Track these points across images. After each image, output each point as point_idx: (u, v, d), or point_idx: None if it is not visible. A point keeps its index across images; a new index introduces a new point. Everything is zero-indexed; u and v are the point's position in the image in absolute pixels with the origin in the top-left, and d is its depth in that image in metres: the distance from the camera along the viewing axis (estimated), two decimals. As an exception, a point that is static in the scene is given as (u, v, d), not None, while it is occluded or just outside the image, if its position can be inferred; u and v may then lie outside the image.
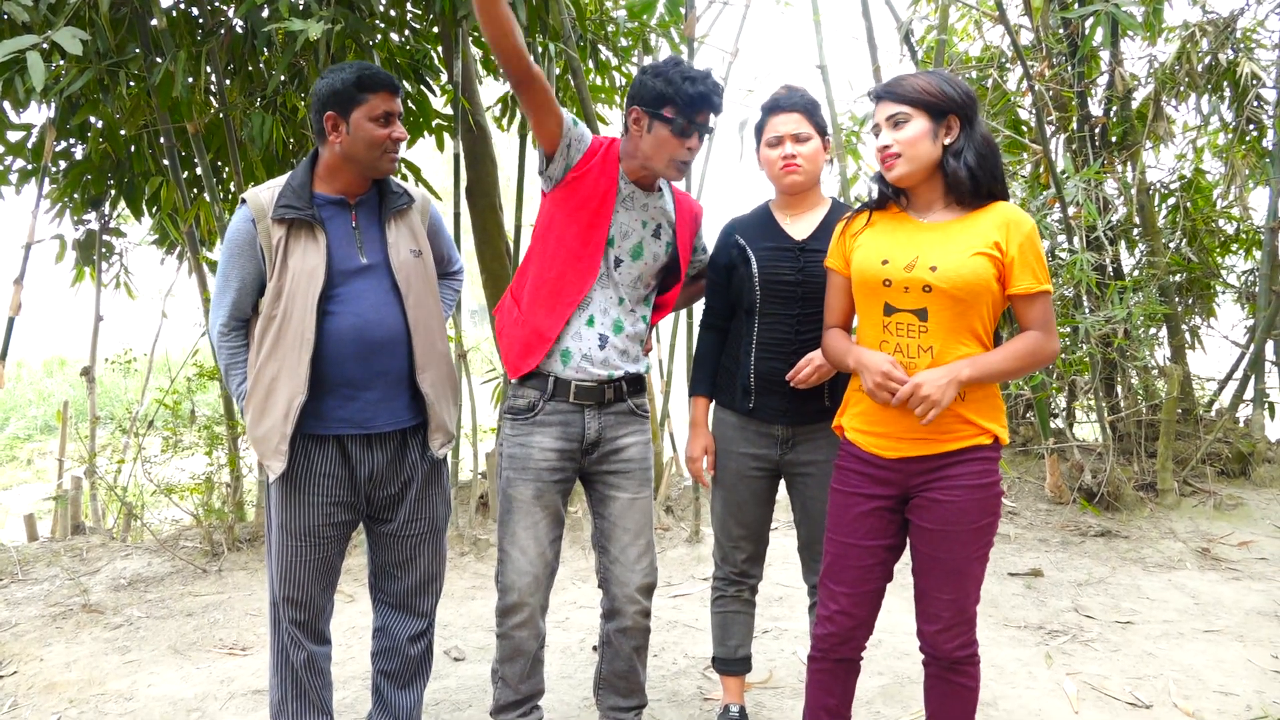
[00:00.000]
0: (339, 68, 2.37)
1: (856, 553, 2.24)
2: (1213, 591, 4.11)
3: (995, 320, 2.15)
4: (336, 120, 2.35)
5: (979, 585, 2.18)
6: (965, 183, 2.11)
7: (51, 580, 4.43)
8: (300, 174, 2.41)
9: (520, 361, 2.50)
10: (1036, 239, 2.10)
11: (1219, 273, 6.23)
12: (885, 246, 2.17)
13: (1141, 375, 5.72)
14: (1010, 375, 2.11)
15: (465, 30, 5.06)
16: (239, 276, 2.38)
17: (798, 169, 2.54)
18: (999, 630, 3.75)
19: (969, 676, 2.21)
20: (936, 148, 2.12)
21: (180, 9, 4.75)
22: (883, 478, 2.20)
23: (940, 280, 2.07)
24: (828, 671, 2.35)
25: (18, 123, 4.79)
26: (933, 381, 2.03)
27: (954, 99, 2.12)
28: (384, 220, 2.47)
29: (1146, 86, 5.80)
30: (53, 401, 12.34)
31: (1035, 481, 5.63)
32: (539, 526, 2.51)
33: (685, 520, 5.21)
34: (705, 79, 2.36)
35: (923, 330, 2.11)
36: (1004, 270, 2.08)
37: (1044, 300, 2.10)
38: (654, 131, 2.38)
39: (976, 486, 2.12)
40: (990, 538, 2.17)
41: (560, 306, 2.46)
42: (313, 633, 2.55)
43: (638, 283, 2.56)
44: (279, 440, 2.34)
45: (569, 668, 3.43)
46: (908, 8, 5.64)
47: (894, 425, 2.16)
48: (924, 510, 2.16)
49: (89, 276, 5.97)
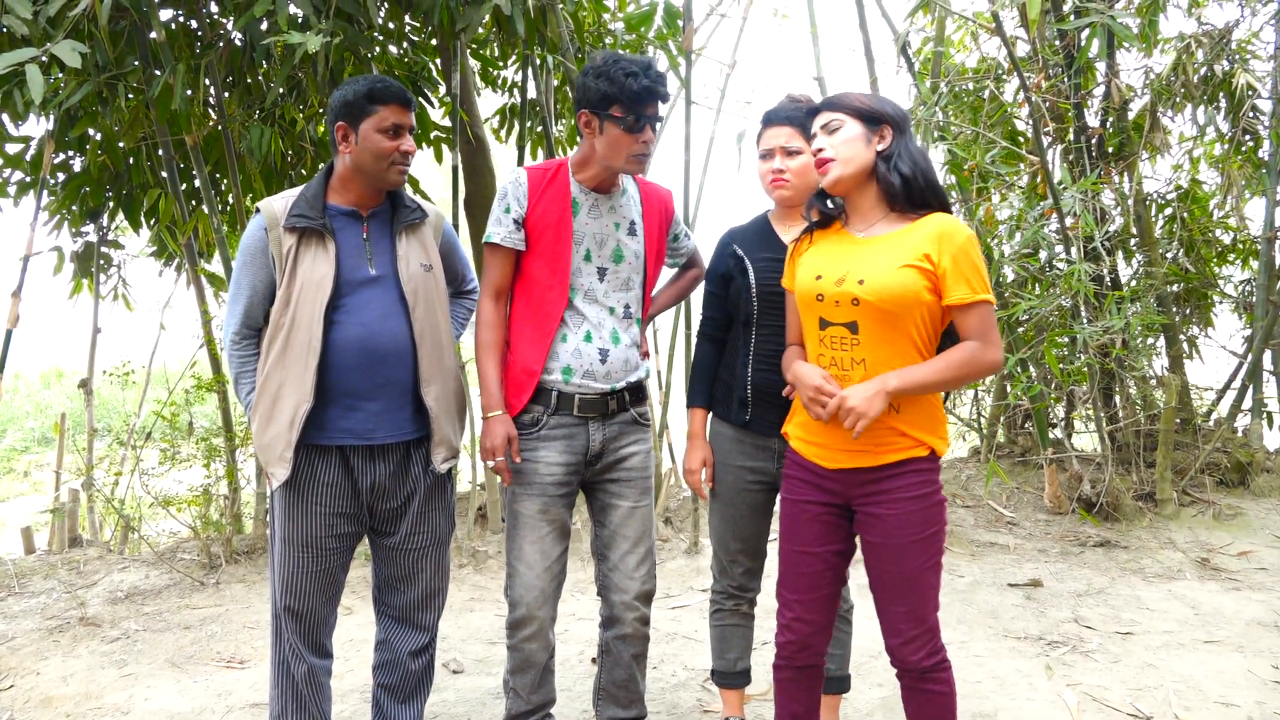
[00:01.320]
0: (353, 80, 2.41)
1: (807, 559, 2.28)
2: (1213, 602, 4.10)
3: (936, 332, 2.17)
4: (347, 130, 2.38)
5: (935, 594, 2.20)
6: (899, 189, 2.14)
7: (48, 593, 4.41)
8: (315, 185, 2.45)
9: (514, 399, 2.51)
10: (972, 249, 2.10)
11: (1216, 283, 6.23)
12: (821, 262, 2.22)
13: (1140, 385, 5.72)
14: (944, 386, 2.12)
15: (463, 43, 5.07)
16: (250, 284, 2.41)
17: (785, 184, 2.55)
18: (999, 641, 3.75)
19: (942, 683, 2.22)
20: (870, 152, 2.16)
21: (179, 22, 4.76)
22: (826, 486, 2.25)
23: (867, 293, 2.10)
24: (792, 679, 2.39)
25: (16, 135, 4.79)
26: (859, 394, 2.05)
27: (886, 111, 2.17)
28: (395, 233, 2.49)
29: (1143, 98, 5.82)
30: (50, 413, 12.31)
31: (1034, 492, 5.63)
32: (545, 540, 2.51)
33: (684, 532, 5.21)
34: (647, 71, 2.36)
35: (854, 343, 2.15)
36: (937, 282, 2.10)
37: (981, 310, 2.10)
38: (606, 132, 2.40)
39: (916, 498, 2.15)
40: (939, 546, 2.20)
41: (540, 338, 2.48)
42: (314, 645, 2.54)
43: (630, 283, 2.57)
44: (283, 448, 2.35)
45: (568, 680, 3.42)
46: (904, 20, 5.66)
47: (832, 436, 2.20)
48: (868, 525, 2.20)
49: (87, 288, 5.96)
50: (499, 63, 5.90)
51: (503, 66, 5.94)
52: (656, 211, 2.65)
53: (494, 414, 2.49)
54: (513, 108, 5.88)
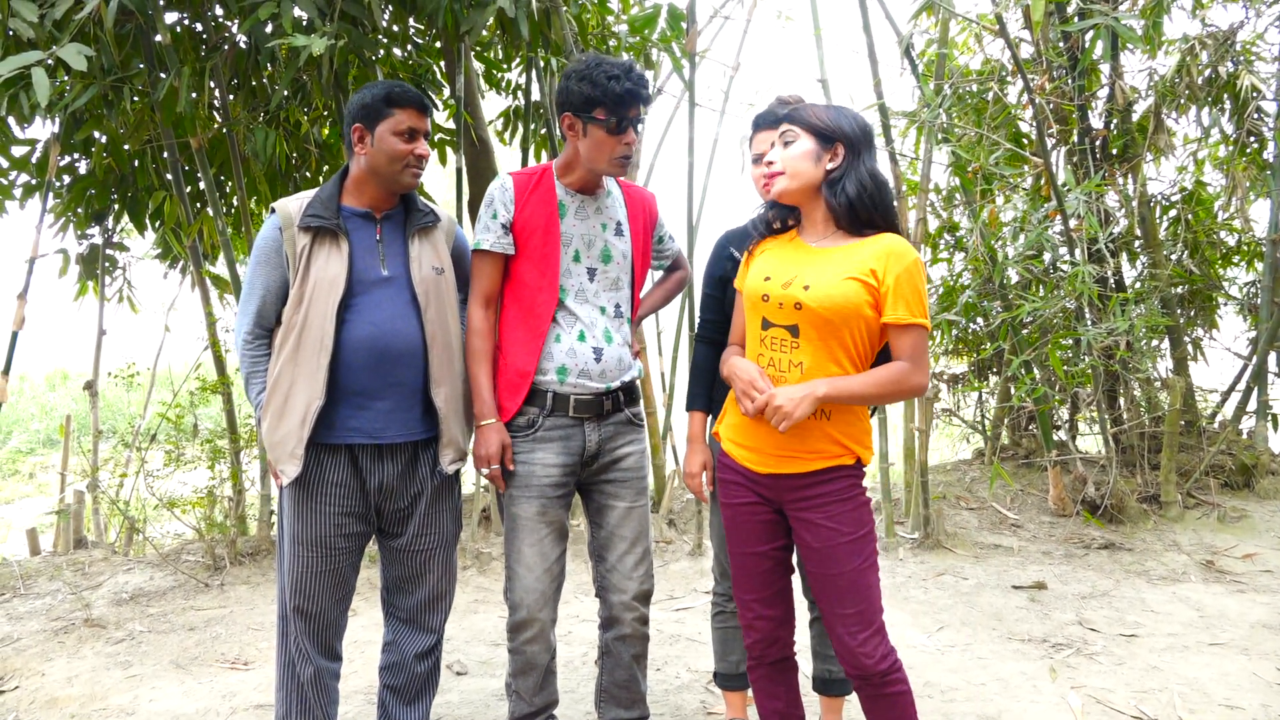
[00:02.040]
0: (372, 85, 2.46)
1: (754, 559, 2.35)
2: (1217, 604, 4.10)
3: (873, 346, 2.20)
4: (363, 132, 2.43)
5: (878, 596, 2.23)
6: (843, 210, 2.17)
7: (53, 594, 4.43)
8: (330, 187, 2.49)
9: (508, 402, 2.52)
10: (918, 273, 2.13)
11: (1221, 285, 6.22)
12: (771, 265, 2.27)
13: (1144, 387, 5.71)
14: (870, 400, 2.15)
15: (467, 46, 5.08)
16: (263, 284, 2.43)
17: None
18: (1003, 644, 3.74)
19: (898, 683, 2.23)
20: (818, 170, 2.19)
21: (184, 25, 4.77)
22: (758, 490, 2.30)
23: (810, 299, 2.13)
24: (767, 676, 2.45)
25: (22, 138, 4.81)
26: (788, 394, 2.09)
27: (843, 129, 2.19)
28: (408, 235, 2.51)
29: (1147, 99, 5.82)
30: (55, 415, 12.34)
31: (1038, 494, 5.62)
32: (544, 542, 2.52)
33: (688, 534, 5.21)
34: (629, 73, 2.39)
35: (794, 346, 2.18)
36: (879, 298, 2.13)
37: (916, 333, 2.13)
38: (590, 134, 2.42)
39: (844, 500, 2.20)
40: (872, 548, 2.23)
41: (532, 340, 2.49)
42: (324, 647, 2.54)
43: (619, 283, 2.58)
44: (295, 444, 2.36)
45: (571, 682, 3.42)
46: (908, 22, 5.66)
47: (763, 440, 2.25)
48: (802, 532, 2.24)
49: (92, 291, 5.97)
50: (503, 65, 5.91)
51: (507, 69, 5.95)
52: (641, 213, 2.67)
53: (487, 422, 2.50)
54: (517, 110, 5.89)
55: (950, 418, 6.55)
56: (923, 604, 4.20)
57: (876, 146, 2.25)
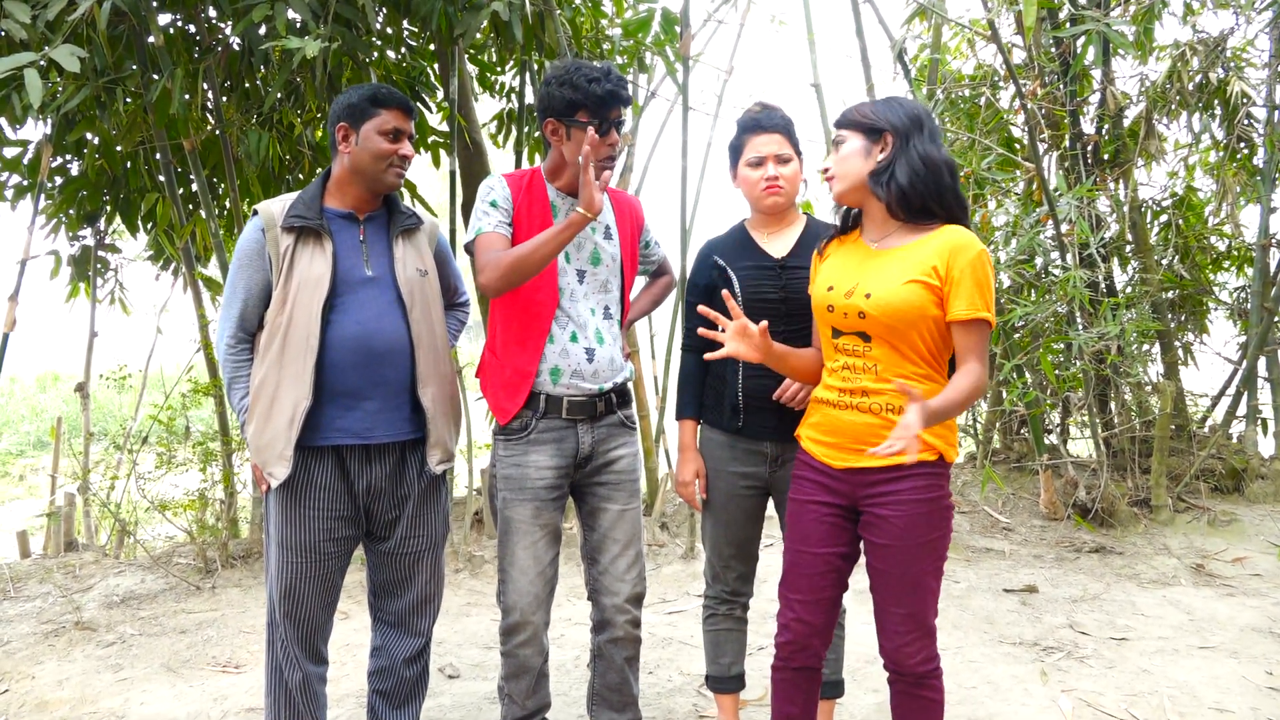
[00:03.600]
0: (358, 86, 2.47)
1: (810, 559, 2.29)
2: (1207, 608, 4.11)
3: (945, 341, 2.18)
4: (347, 131, 2.43)
5: (935, 599, 2.21)
6: (895, 201, 2.15)
7: (44, 597, 4.41)
8: (313, 188, 2.49)
9: (508, 403, 2.51)
10: (982, 266, 2.09)
11: (1211, 289, 6.26)
12: (835, 273, 2.26)
13: (1135, 391, 5.74)
14: (961, 411, 2.14)
15: (461, 49, 5.08)
16: (245, 287, 2.42)
17: (780, 191, 2.55)
18: (994, 647, 3.75)
19: (934, 690, 2.23)
20: (866, 165, 2.18)
21: (178, 26, 4.76)
22: (833, 487, 2.26)
23: (873, 308, 2.13)
24: (789, 680, 2.38)
25: (14, 139, 4.80)
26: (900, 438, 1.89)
27: (888, 118, 2.17)
28: (392, 236, 2.51)
29: (1138, 105, 5.85)
30: (46, 417, 12.29)
31: (1030, 498, 5.64)
32: (538, 546, 2.52)
33: (680, 537, 5.21)
34: (608, 76, 2.40)
35: (867, 350, 2.18)
36: (944, 296, 2.11)
37: (980, 329, 2.10)
38: (574, 138, 2.43)
39: (923, 501, 2.15)
40: (943, 552, 2.20)
41: (532, 339, 2.49)
42: (311, 651, 2.53)
43: (608, 286, 2.59)
44: (283, 446, 2.35)
45: (564, 685, 3.42)
46: (900, 26, 5.68)
47: (844, 436, 2.22)
48: (874, 526, 2.20)
49: (84, 292, 5.96)
50: (496, 68, 5.92)
51: (500, 72, 5.95)
52: (628, 218, 2.68)
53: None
54: (510, 113, 5.89)
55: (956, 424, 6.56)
56: (914, 607, 4.21)
57: (937, 131, 2.20)
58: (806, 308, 2.46)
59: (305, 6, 3.82)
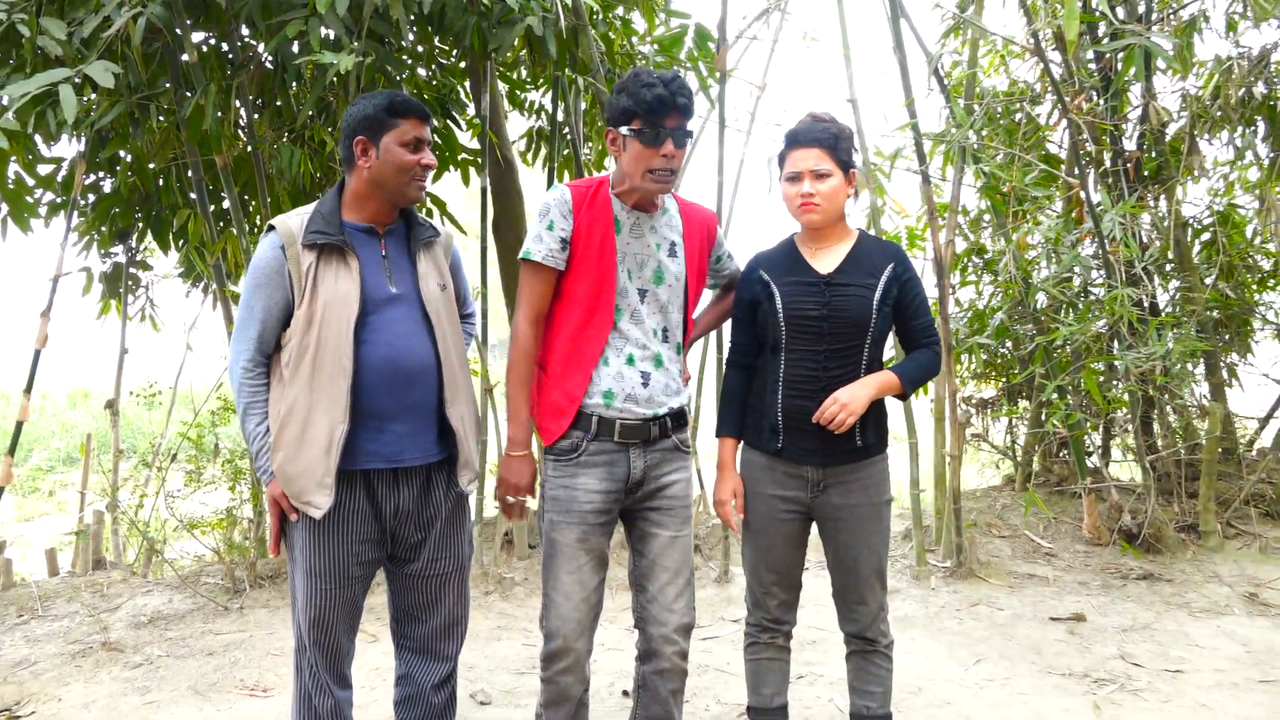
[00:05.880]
0: (370, 95, 2.37)
1: None
2: (1264, 639, 3.96)
3: None
4: (366, 145, 2.34)
5: None
6: None
7: (71, 617, 4.37)
8: (329, 202, 2.39)
9: (552, 425, 2.44)
10: None
11: (1255, 309, 6.10)
12: None
13: (1181, 413, 5.58)
14: None
15: (493, 65, 5.05)
16: (264, 308, 2.32)
17: (815, 207, 2.48)
18: (1043, 678, 3.62)
19: None
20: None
21: (211, 44, 4.77)
22: None
23: None
24: None
25: (48, 156, 4.81)
26: None
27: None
28: (414, 251, 2.44)
29: (1179, 120, 5.72)
30: (76, 434, 12.35)
31: (1072, 522, 5.49)
32: (583, 570, 2.43)
33: (714, 560, 5.10)
34: (664, 81, 2.29)
35: None
36: None
37: None
38: (629, 148, 2.35)
39: None
40: None
41: (583, 363, 2.41)
42: (338, 676, 2.47)
43: (669, 307, 2.49)
44: (323, 473, 2.26)
45: (598, 713, 3.32)
46: (936, 42, 5.60)
47: None
48: None
49: (115, 309, 5.98)
50: (526, 85, 5.89)
51: (530, 88, 5.92)
52: (698, 233, 2.58)
53: (521, 453, 2.44)
54: (540, 130, 5.86)
55: (980, 443, 6.43)
56: (958, 635, 4.08)
57: None
58: (849, 326, 2.41)
59: (339, 22, 3.80)
